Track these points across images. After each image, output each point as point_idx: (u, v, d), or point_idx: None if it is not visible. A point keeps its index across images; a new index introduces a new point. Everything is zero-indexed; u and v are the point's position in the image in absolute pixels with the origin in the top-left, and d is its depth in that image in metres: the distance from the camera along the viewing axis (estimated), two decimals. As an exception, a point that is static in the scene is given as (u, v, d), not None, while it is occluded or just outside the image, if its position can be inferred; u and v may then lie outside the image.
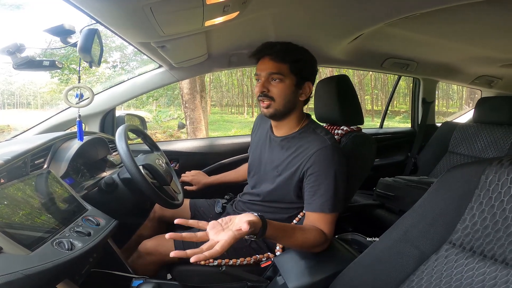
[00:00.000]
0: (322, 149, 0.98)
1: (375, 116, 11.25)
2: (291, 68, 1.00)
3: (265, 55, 1.02)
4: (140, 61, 7.53)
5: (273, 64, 1.00)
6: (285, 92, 1.01)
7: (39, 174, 0.91)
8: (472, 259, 0.59)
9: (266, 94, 1.01)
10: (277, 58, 1.00)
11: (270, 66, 1.01)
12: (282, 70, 1.00)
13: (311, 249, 0.94)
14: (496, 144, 1.91)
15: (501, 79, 2.54)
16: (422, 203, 0.70)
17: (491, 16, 1.25)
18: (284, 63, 1.00)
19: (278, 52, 1.00)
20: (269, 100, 1.02)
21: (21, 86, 11.66)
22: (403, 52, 1.91)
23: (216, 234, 0.70)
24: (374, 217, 1.81)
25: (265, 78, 1.02)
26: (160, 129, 7.46)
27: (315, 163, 0.97)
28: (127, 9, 0.76)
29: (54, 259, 0.68)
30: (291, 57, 1.01)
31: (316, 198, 0.96)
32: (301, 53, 1.04)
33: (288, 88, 1.02)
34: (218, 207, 1.33)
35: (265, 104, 1.03)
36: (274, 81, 1.01)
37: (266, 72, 1.01)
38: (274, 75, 1.00)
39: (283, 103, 1.02)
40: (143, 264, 1.14)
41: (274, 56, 1.00)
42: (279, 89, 1.01)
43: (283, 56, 1.00)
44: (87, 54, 0.89)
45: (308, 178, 0.99)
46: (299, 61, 1.02)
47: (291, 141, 1.07)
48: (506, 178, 0.57)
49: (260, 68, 1.03)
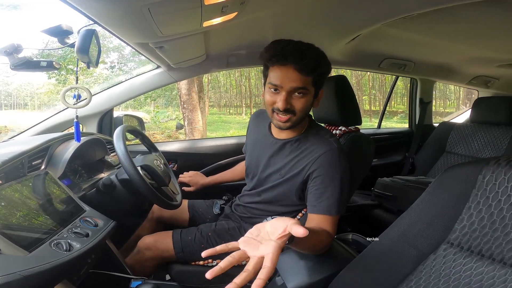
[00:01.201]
0: (327, 152, 0.97)
1: (373, 116, 11.28)
2: (314, 81, 0.93)
3: (290, 64, 0.89)
4: (138, 62, 7.51)
5: (299, 77, 0.89)
6: (307, 106, 0.95)
7: (37, 175, 0.90)
8: (470, 259, 0.59)
9: (288, 109, 0.93)
10: (304, 71, 0.89)
11: (295, 78, 0.90)
12: (307, 84, 0.92)
13: (319, 251, 0.89)
14: (493, 144, 1.92)
15: (498, 79, 2.56)
16: (420, 203, 0.70)
17: (487, 17, 1.25)
18: (310, 76, 0.91)
19: (307, 64, 0.89)
20: (289, 114, 0.94)
21: (18, 87, 11.62)
22: (401, 53, 1.92)
23: (255, 250, 0.58)
24: (373, 217, 1.81)
25: (287, 92, 0.91)
26: (158, 129, 7.44)
27: (321, 166, 0.96)
28: (125, 10, 0.75)
29: (52, 260, 0.68)
30: (319, 70, 0.92)
31: (322, 201, 0.95)
32: (327, 64, 0.95)
33: (309, 101, 0.95)
34: (216, 208, 1.33)
35: (284, 118, 0.94)
36: (296, 95, 0.92)
37: (290, 86, 0.90)
38: (299, 89, 0.91)
39: (302, 116, 0.97)
40: (141, 260, 1.14)
41: (302, 68, 0.89)
42: (302, 103, 0.93)
43: (312, 69, 0.90)
44: (84, 54, 0.89)
45: (314, 180, 0.97)
46: (323, 73, 0.95)
47: (294, 144, 1.04)
48: (503, 178, 0.57)
49: (281, 78, 0.90)
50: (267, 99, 0.96)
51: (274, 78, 0.92)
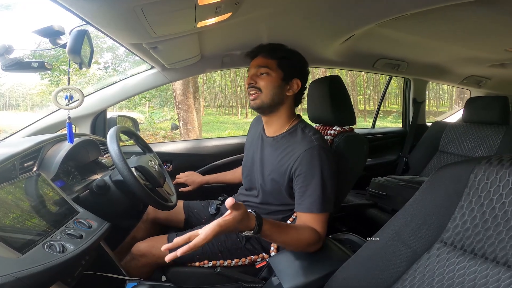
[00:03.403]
0: (308, 149, 0.98)
1: (368, 116, 11.35)
2: (278, 64, 1.07)
3: (258, 53, 1.11)
4: (132, 62, 7.46)
5: (262, 59, 1.08)
6: (271, 85, 1.06)
7: (29, 177, 0.89)
8: (463, 258, 0.60)
9: (253, 85, 1.07)
10: (266, 55, 1.09)
11: (259, 61, 1.08)
12: (270, 65, 1.07)
13: (305, 248, 0.94)
14: (485, 143, 1.94)
15: (489, 79, 2.59)
16: (413, 202, 0.70)
17: (479, 17, 1.27)
18: (272, 59, 1.07)
19: (269, 50, 1.10)
20: (256, 91, 1.07)
21: (10, 88, 11.46)
22: (394, 53, 1.94)
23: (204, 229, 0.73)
24: (367, 216, 1.82)
25: (254, 72, 1.08)
26: (153, 130, 7.40)
27: (302, 164, 0.98)
28: (118, 10, 0.75)
29: (46, 262, 0.68)
30: (279, 54, 1.08)
31: (304, 199, 0.97)
32: (291, 53, 1.11)
33: (275, 81, 1.06)
34: (212, 208, 1.33)
35: (253, 96, 1.08)
36: (262, 75, 1.07)
37: (255, 67, 1.09)
38: (261, 68, 1.07)
39: (270, 95, 1.06)
40: (136, 266, 1.13)
41: (265, 53, 1.09)
42: (265, 81, 1.06)
43: (272, 53, 1.09)
44: (76, 55, 0.88)
45: (297, 178, 0.99)
46: (286, 58, 1.09)
47: (280, 141, 1.08)
48: (495, 177, 0.58)
49: (251, 64, 1.11)
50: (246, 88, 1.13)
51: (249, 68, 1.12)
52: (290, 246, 0.94)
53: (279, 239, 0.90)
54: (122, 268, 1.08)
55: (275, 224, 0.87)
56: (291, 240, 0.91)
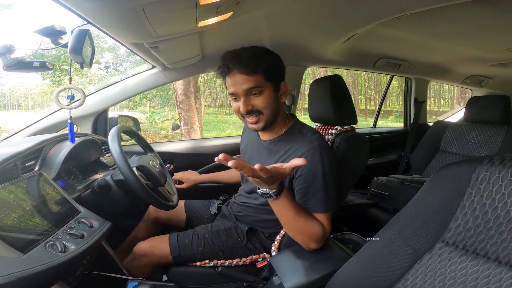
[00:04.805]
0: (309, 150, 0.97)
1: (369, 115, 11.33)
2: (265, 76, 0.95)
3: (233, 69, 0.94)
4: (133, 62, 7.47)
5: (246, 77, 0.93)
6: (269, 102, 0.97)
7: (31, 177, 0.89)
8: (465, 258, 0.59)
9: (252, 110, 0.97)
10: (248, 71, 0.93)
11: (243, 80, 0.94)
12: (258, 82, 0.94)
13: (306, 241, 0.93)
14: (487, 143, 1.94)
15: (491, 79, 2.58)
16: (415, 202, 0.70)
17: (480, 16, 1.26)
18: (256, 74, 0.93)
19: (247, 64, 0.92)
20: (256, 115, 0.98)
21: (12, 88, 11.48)
22: (395, 52, 1.93)
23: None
24: (369, 216, 1.82)
25: (244, 95, 0.95)
26: (154, 130, 7.40)
27: (303, 165, 0.97)
28: (119, 10, 0.75)
29: (47, 262, 0.68)
30: (262, 65, 0.93)
31: (307, 199, 0.96)
32: (270, 57, 0.98)
33: (270, 96, 0.97)
34: (213, 208, 1.33)
35: (253, 120, 0.98)
36: (253, 95, 0.96)
37: (242, 89, 0.94)
38: (252, 89, 0.94)
39: (271, 113, 0.99)
40: (138, 266, 1.14)
41: (244, 68, 0.92)
42: (261, 101, 0.96)
43: (254, 67, 0.93)
44: (78, 55, 0.88)
45: (298, 180, 0.98)
46: (270, 66, 0.96)
47: (278, 144, 1.06)
48: (497, 177, 0.58)
49: (233, 86, 0.95)
50: (234, 108, 1.01)
51: (229, 87, 0.98)
52: (292, 230, 0.94)
53: (289, 217, 0.90)
54: (124, 268, 1.08)
55: (293, 199, 0.90)
56: (296, 224, 0.91)
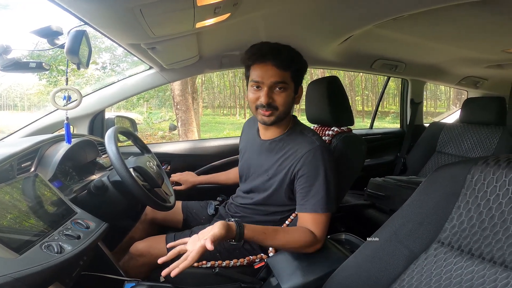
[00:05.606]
0: (311, 150, 0.98)
1: (366, 116, 11.37)
2: (292, 76, 0.98)
3: (268, 60, 0.95)
4: (130, 62, 7.44)
5: (278, 72, 0.95)
6: (288, 100, 0.99)
7: (26, 178, 0.89)
8: (461, 258, 0.60)
9: (270, 104, 0.97)
10: (282, 66, 0.95)
11: (274, 73, 0.95)
12: (286, 79, 0.97)
13: (300, 250, 0.94)
14: (482, 144, 1.95)
15: (486, 80, 2.60)
16: (411, 203, 0.71)
17: (476, 18, 1.28)
18: (287, 71, 0.96)
19: (284, 60, 0.95)
20: (272, 109, 0.98)
21: (8, 88, 11.39)
22: (392, 54, 1.94)
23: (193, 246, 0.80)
24: (365, 216, 1.83)
25: (269, 87, 0.96)
26: (151, 130, 7.38)
27: (305, 165, 0.98)
28: (116, 11, 0.75)
29: (43, 263, 0.68)
30: (295, 65, 0.98)
31: (308, 199, 0.97)
32: (301, 60, 1.01)
33: (290, 96, 0.99)
34: (210, 209, 1.33)
35: (268, 113, 0.98)
36: (277, 90, 0.97)
37: (270, 81, 0.95)
38: (279, 84, 0.96)
39: (285, 111, 1.00)
40: (135, 266, 1.13)
41: (279, 63, 0.95)
42: (283, 98, 0.97)
43: (288, 64, 0.96)
44: (74, 55, 0.88)
45: (299, 180, 0.99)
46: (300, 69, 1.00)
47: (279, 144, 1.07)
48: (492, 178, 0.58)
49: (261, 75, 0.96)
50: (251, 97, 1.00)
51: (256, 75, 0.97)
52: (283, 248, 0.96)
53: (266, 243, 0.93)
54: (120, 269, 1.08)
55: (260, 230, 0.89)
56: (281, 243, 0.93)
